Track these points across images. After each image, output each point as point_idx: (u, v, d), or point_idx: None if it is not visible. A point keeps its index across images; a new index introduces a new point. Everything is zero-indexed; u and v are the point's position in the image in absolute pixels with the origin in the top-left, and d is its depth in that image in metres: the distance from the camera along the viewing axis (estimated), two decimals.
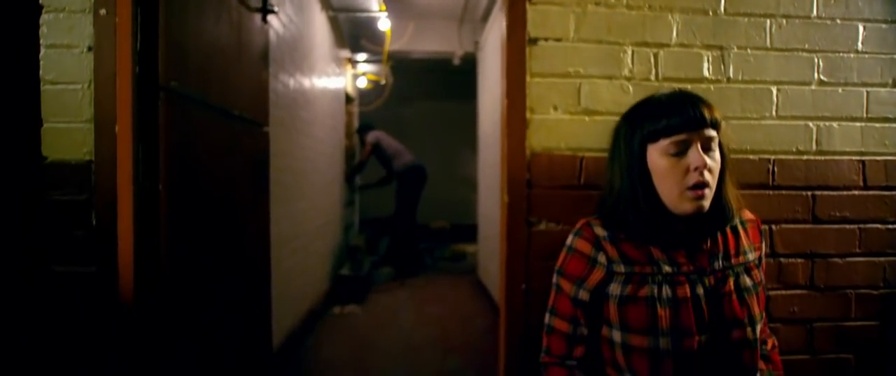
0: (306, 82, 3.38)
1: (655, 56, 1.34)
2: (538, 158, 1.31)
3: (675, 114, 0.93)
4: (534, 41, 1.31)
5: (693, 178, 0.92)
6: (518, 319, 1.32)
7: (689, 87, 1.35)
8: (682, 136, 0.92)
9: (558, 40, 1.32)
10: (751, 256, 1.03)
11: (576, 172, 1.32)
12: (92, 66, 1.25)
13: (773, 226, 1.38)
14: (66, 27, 1.23)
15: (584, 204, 1.31)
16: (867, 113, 1.40)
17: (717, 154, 0.96)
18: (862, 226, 1.40)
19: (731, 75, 1.36)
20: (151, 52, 1.34)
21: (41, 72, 1.24)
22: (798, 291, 1.39)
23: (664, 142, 0.93)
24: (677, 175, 0.93)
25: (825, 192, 1.39)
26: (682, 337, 0.92)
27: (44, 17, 1.23)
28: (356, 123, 5.63)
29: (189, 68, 1.53)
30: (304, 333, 3.20)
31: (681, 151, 0.93)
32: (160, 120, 1.36)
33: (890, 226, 1.41)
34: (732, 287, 0.97)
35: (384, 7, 3.77)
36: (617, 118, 1.33)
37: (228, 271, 1.78)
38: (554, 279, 1.04)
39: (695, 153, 0.92)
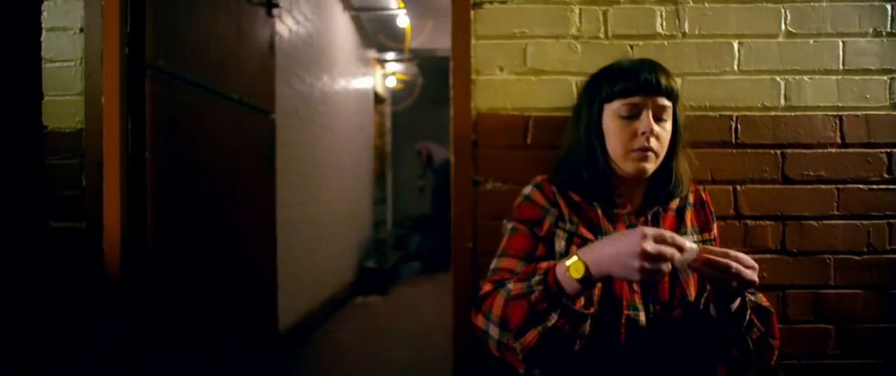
0: (325, 78, 3.54)
1: (605, 13, 1.33)
2: (484, 118, 1.33)
3: (631, 78, 0.93)
4: (478, 4, 1.34)
5: (639, 142, 0.93)
6: (465, 278, 1.34)
7: (640, 43, 1.33)
8: (635, 99, 0.93)
9: (503, 3, 1.34)
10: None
11: (523, 132, 1.33)
12: (83, 45, 1.41)
13: (738, 187, 1.32)
14: (62, 11, 1.41)
15: (532, 163, 1.31)
16: (844, 65, 1.31)
17: (668, 125, 0.96)
18: (840, 185, 1.31)
19: (687, 30, 1.32)
20: (140, 34, 1.49)
21: (43, 52, 1.42)
22: (767, 255, 1.31)
23: (617, 104, 0.94)
24: (625, 137, 0.94)
25: (796, 150, 1.31)
26: (614, 308, 0.90)
27: (45, 4, 1.41)
28: (388, 123, 5.80)
29: (181, 51, 1.67)
30: (323, 318, 3.32)
31: (632, 115, 0.93)
32: (147, 94, 1.51)
33: (873, 187, 1.30)
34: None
35: (402, 4, 3.88)
36: (565, 77, 1.35)
37: (224, 241, 1.91)
38: (507, 225, 1.02)
39: (645, 118, 0.93)
